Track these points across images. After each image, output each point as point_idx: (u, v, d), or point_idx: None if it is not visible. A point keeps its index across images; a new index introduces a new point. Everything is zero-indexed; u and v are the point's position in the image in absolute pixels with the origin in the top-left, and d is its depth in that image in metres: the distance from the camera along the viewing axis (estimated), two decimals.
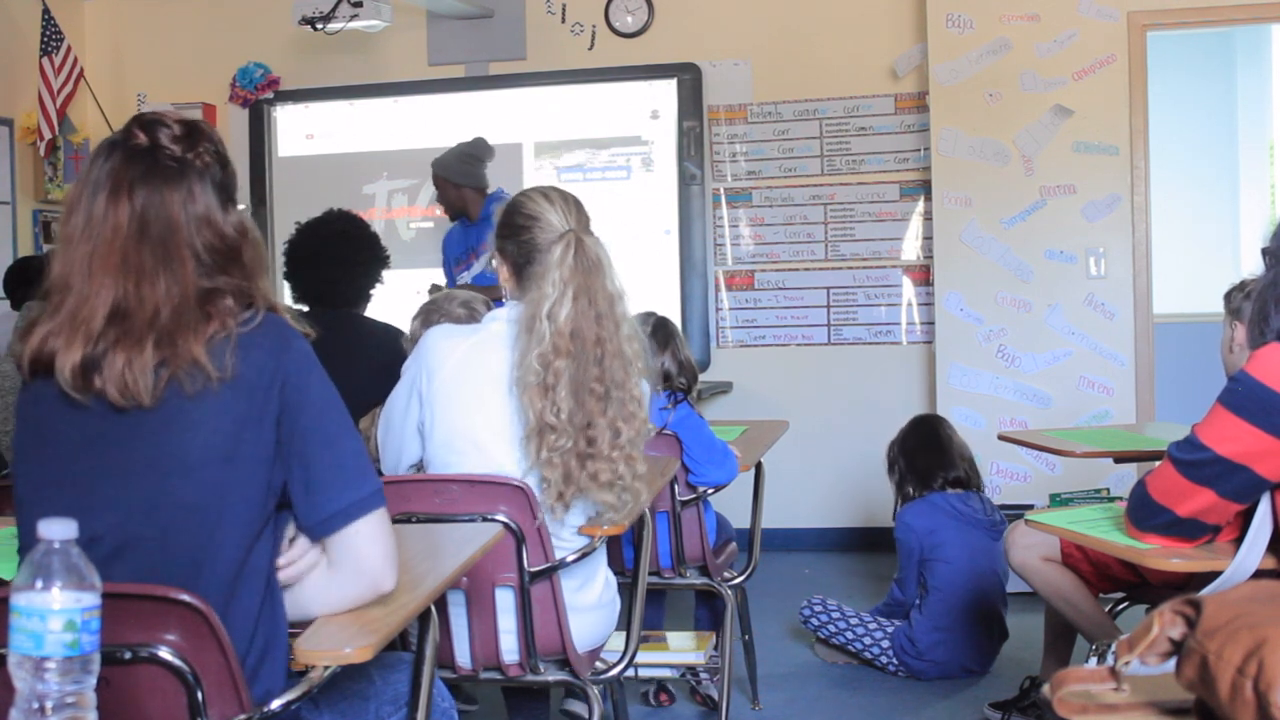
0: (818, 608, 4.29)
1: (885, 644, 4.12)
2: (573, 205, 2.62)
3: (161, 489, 1.68)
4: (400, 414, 2.60)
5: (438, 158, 5.41)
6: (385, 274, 4.21)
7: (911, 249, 5.97)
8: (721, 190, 6.14)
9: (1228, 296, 3.13)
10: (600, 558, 2.71)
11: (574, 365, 2.44)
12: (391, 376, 2.71)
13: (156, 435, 1.68)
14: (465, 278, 5.34)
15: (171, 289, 1.69)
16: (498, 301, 2.88)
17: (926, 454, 4.32)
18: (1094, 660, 2.56)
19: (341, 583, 1.77)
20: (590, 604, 2.66)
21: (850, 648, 4.19)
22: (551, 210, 2.58)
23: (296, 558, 1.76)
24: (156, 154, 1.74)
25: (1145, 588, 3.23)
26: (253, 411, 1.69)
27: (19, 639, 1.30)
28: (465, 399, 2.53)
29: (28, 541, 1.70)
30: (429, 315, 3.22)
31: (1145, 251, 5.44)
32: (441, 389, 2.53)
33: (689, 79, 6.11)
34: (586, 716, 3.19)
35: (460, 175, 5.32)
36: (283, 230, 5.13)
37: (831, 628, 4.23)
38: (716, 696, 3.62)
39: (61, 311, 1.69)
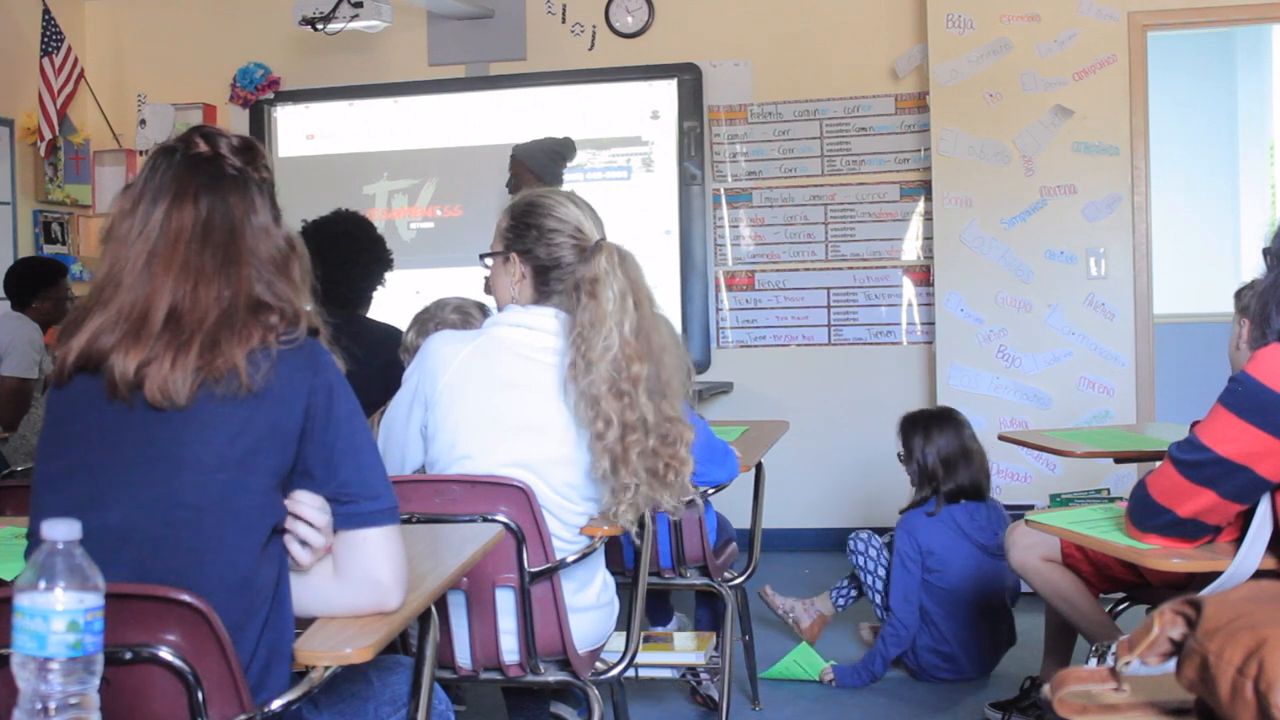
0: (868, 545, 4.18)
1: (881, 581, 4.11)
2: (590, 212, 2.66)
3: (171, 485, 1.68)
4: (403, 418, 2.61)
5: (522, 144, 5.34)
6: (386, 275, 4.21)
7: (912, 249, 5.98)
8: (722, 190, 6.15)
9: (1238, 294, 3.12)
10: (599, 559, 2.72)
11: (648, 367, 2.52)
12: (393, 377, 2.71)
13: (176, 433, 1.69)
14: None
15: (224, 292, 1.72)
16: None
17: (960, 468, 4.06)
18: (1094, 660, 2.56)
19: (347, 588, 1.78)
20: (589, 604, 2.66)
21: (872, 596, 4.14)
22: (584, 218, 2.62)
23: (310, 506, 1.74)
24: (220, 163, 1.78)
25: (1145, 588, 3.24)
26: (277, 423, 1.71)
27: (22, 639, 1.31)
28: (468, 402, 2.54)
29: (38, 529, 1.71)
30: (424, 325, 3.23)
31: (1145, 251, 5.44)
32: (446, 392, 2.54)
33: (689, 79, 6.11)
34: (568, 718, 3.20)
35: (539, 167, 5.26)
36: None
37: (872, 569, 4.14)
38: (716, 696, 3.62)
39: (110, 307, 1.71)
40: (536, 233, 2.60)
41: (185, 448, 1.69)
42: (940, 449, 4.07)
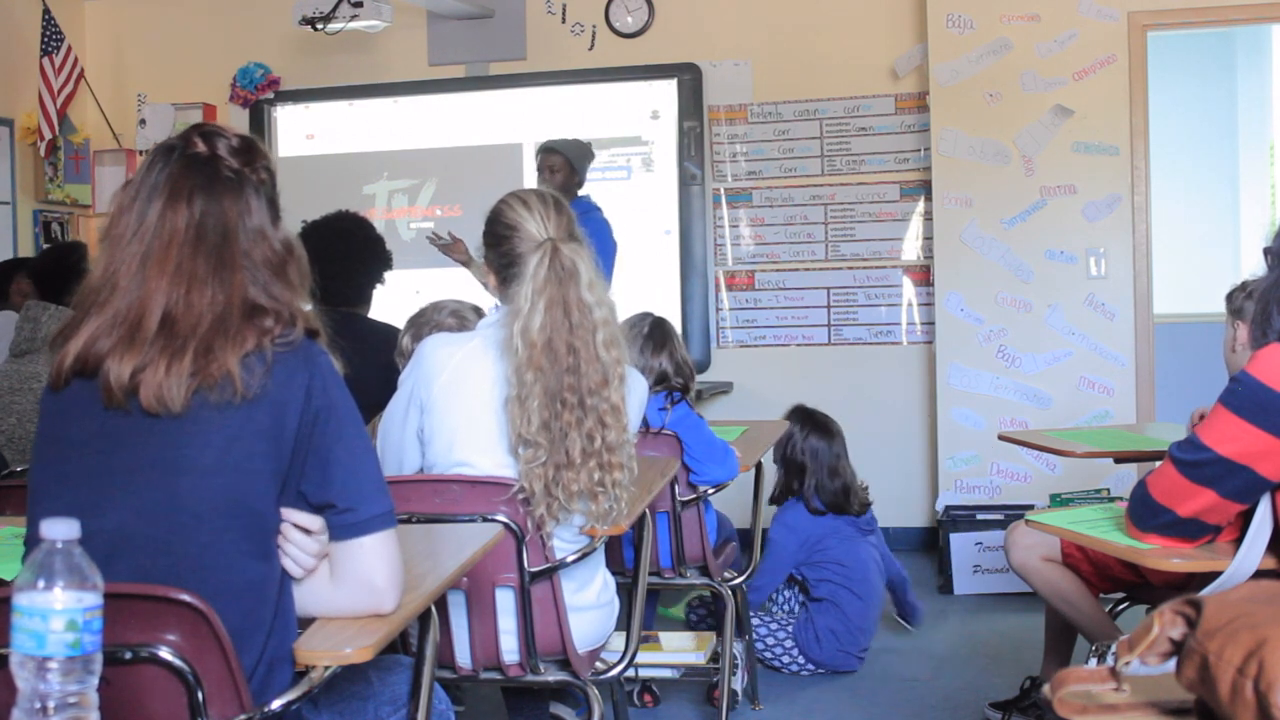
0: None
1: (789, 644, 4.13)
2: (552, 209, 2.59)
3: (169, 491, 1.68)
4: (399, 422, 2.61)
5: (559, 139, 5.37)
6: (385, 274, 4.21)
7: (912, 249, 5.98)
8: (722, 190, 6.14)
9: (1229, 297, 3.14)
10: (599, 558, 2.72)
11: (545, 377, 2.44)
12: (393, 378, 2.71)
13: (172, 438, 1.68)
14: None
15: (218, 297, 1.71)
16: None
17: (832, 476, 4.22)
18: (1094, 660, 2.56)
19: (343, 592, 1.77)
20: (589, 604, 2.66)
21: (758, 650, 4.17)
22: (530, 219, 2.57)
23: (302, 524, 1.75)
24: (217, 164, 1.76)
25: (1146, 588, 3.24)
26: (274, 426, 1.70)
27: (21, 639, 1.31)
28: (464, 404, 2.53)
29: (35, 534, 1.71)
30: (419, 329, 3.23)
31: (1145, 251, 5.44)
32: (441, 395, 2.54)
33: (689, 79, 6.11)
34: (568, 718, 3.20)
35: (576, 159, 5.27)
36: None
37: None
38: (739, 690, 3.64)
39: (106, 310, 1.70)
40: (493, 238, 2.63)
41: (182, 452, 1.68)
42: (819, 452, 4.24)
